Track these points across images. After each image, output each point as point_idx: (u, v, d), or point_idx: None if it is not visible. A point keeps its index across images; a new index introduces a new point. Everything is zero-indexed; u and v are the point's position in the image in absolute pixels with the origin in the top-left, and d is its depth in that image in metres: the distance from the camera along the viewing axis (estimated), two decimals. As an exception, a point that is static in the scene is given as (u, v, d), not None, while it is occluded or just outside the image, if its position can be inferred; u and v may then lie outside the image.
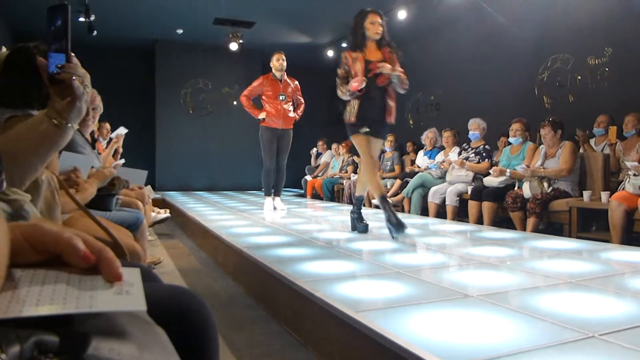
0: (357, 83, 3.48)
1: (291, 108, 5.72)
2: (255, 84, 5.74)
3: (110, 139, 5.72)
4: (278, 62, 5.61)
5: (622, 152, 4.45)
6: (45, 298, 0.42)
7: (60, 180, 1.31)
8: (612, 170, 4.56)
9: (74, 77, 0.93)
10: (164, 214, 4.95)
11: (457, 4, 6.65)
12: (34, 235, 0.47)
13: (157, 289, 0.85)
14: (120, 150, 5.71)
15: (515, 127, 5.10)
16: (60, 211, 1.33)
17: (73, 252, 0.46)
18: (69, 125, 0.95)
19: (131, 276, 0.48)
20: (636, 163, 3.88)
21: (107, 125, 4.90)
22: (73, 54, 0.96)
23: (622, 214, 3.71)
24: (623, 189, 3.95)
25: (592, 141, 5.12)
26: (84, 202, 1.75)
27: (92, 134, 3.48)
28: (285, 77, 5.68)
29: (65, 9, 0.94)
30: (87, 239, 0.48)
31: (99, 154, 2.89)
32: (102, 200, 2.08)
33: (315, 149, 9.66)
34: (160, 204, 6.68)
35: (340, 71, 3.67)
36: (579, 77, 5.89)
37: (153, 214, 4.78)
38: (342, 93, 3.62)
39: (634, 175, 3.80)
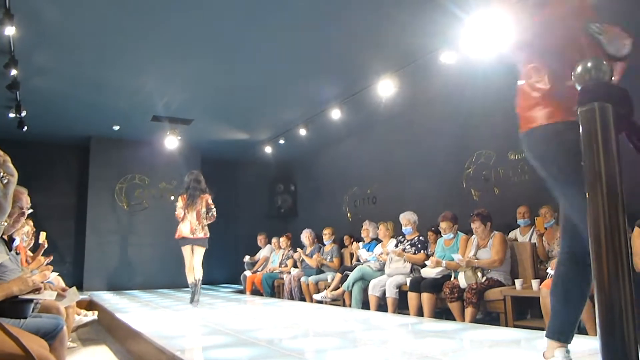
0: None
1: None
2: None
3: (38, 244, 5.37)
4: None
5: (546, 242, 4.67)
6: None
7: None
8: (541, 258, 4.75)
9: None
10: (91, 316, 4.59)
11: (387, 104, 7.08)
12: None
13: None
14: (45, 245, 5.33)
15: (443, 225, 5.28)
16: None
17: None
18: None
19: None
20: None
21: (29, 222, 4.60)
22: None
23: (553, 301, 3.81)
24: (551, 276, 4.09)
25: (517, 231, 5.37)
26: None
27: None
28: None
29: None
30: None
31: (17, 253, 2.69)
32: (17, 306, 1.89)
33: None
34: (87, 306, 6.23)
35: None
36: (502, 171, 6.29)
37: (78, 317, 4.42)
38: None
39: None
